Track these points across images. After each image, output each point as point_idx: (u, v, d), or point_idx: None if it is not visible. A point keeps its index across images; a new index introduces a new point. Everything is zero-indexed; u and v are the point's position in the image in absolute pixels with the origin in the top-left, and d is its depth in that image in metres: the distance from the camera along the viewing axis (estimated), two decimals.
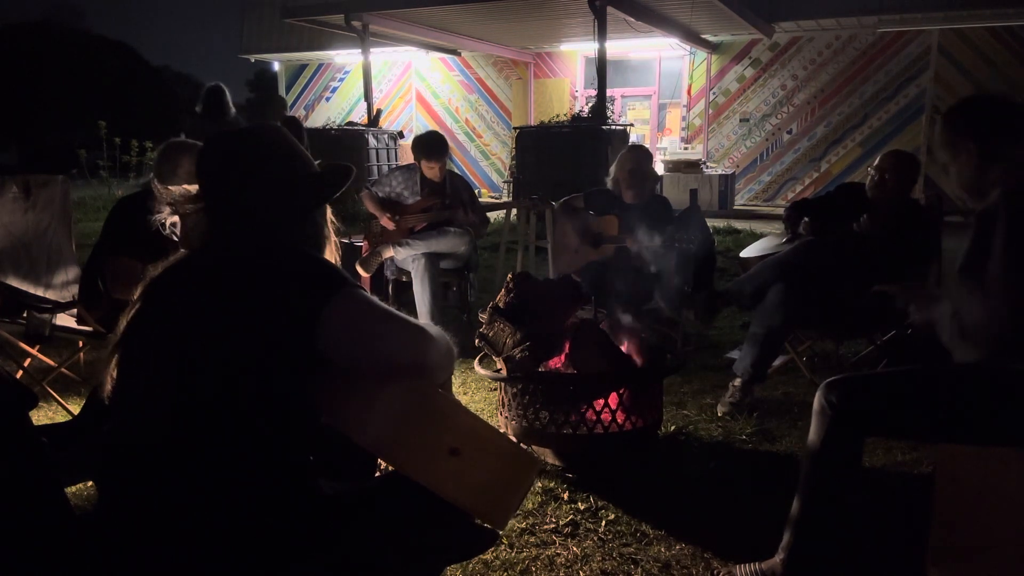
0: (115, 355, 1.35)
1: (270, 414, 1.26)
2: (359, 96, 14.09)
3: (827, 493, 1.94)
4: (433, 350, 1.30)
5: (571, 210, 4.37)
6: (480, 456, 1.38)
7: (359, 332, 1.27)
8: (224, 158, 1.43)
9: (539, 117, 13.75)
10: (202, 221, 1.41)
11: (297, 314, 1.25)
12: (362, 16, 10.91)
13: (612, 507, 2.48)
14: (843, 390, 1.89)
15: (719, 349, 4.33)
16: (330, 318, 1.24)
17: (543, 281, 3.03)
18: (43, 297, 3.52)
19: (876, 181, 3.48)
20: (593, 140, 9.23)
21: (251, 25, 16.20)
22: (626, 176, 4.14)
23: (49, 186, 3.96)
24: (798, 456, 2.76)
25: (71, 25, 41.22)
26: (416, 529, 1.38)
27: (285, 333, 1.24)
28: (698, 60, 13.71)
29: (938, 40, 11.97)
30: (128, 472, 1.29)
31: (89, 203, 10.97)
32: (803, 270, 3.34)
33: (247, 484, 1.25)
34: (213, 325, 1.27)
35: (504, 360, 2.79)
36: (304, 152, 1.48)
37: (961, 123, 2.02)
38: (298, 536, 1.27)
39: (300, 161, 1.46)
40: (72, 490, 2.47)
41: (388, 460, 1.37)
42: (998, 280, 1.64)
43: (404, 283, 4.58)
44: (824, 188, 12.40)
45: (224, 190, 1.40)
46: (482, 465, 1.38)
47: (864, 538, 2.24)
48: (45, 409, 3.30)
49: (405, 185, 4.64)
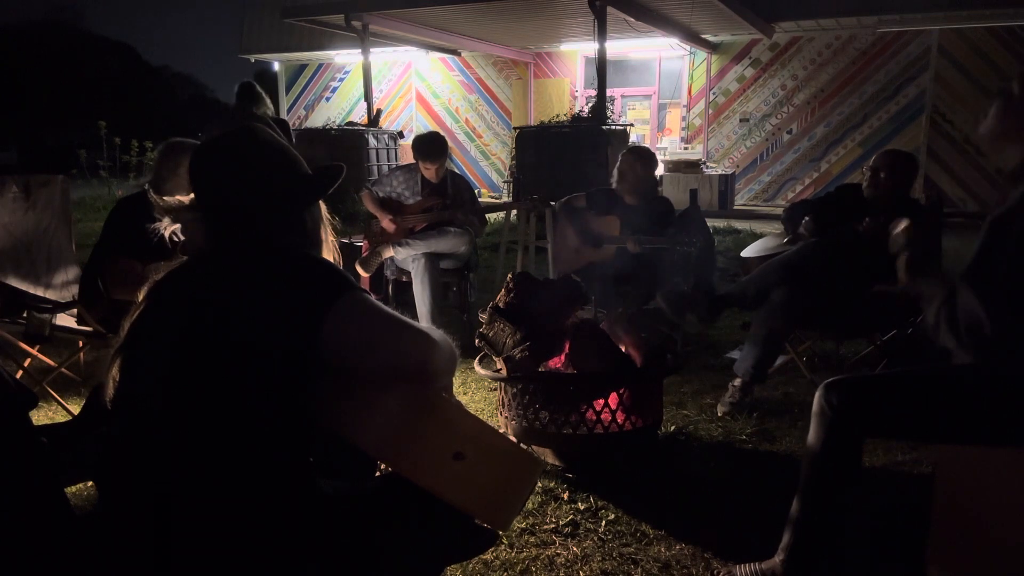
0: (117, 359, 1.35)
1: (272, 417, 1.26)
2: (359, 96, 14.10)
3: (827, 493, 1.94)
4: (437, 355, 1.29)
5: (572, 210, 4.37)
6: (484, 460, 1.38)
7: (362, 337, 1.26)
8: (213, 165, 1.43)
9: (539, 117, 13.75)
10: (200, 228, 1.41)
11: (300, 318, 1.25)
12: (362, 16, 10.90)
13: (612, 507, 2.48)
14: (843, 391, 1.89)
15: (719, 349, 4.33)
16: (333, 322, 1.24)
17: (543, 281, 3.03)
18: (43, 297, 3.52)
19: (871, 180, 3.47)
20: (593, 140, 9.22)
21: (251, 25, 16.20)
22: (626, 177, 4.16)
23: (49, 186, 3.96)
24: (798, 456, 2.76)
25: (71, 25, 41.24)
26: (416, 529, 1.38)
27: (288, 337, 1.24)
28: (698, 60, 13.71)
29: (938, 40, 11.97)
30: (129, 472, 1.29)
31: (89, 203, 10.97)
32: (805, 271, 3.34)
33: (247, 484, 1.25)
34: (215, 329, 1.27)
35: (504, 360, 2.79)
36: (293, 151, 1.48)
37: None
38: (298, 536, 1.27)
39: (289, 160, 1.46)
40: (72, 490, 2.47)
41: (392, 465, 1.37)
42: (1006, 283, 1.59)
43: (404, 283, 4.58)
44: (824, 188, 12.41)
45: (216, 196, 1.40)
46: (486, 469, 1.38)
47: (864, 538, 2.24)
48: (45, 409, 3.30)
49: (406, 185, 4.64)
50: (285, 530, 1.27)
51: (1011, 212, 1.62)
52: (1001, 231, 1.61)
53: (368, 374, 1.29)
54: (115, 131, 12.02)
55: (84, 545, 1.39)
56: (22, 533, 1.37)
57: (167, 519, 1.24)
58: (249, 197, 1.39)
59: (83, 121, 16.16)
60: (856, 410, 1.87)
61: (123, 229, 3.15)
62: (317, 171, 1.50)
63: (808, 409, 1.97)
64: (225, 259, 1.37)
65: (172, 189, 3.00)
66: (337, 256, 1.53)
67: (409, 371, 1.27)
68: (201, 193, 1.42)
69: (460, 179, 4.84)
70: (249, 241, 1.38)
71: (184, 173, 2.87)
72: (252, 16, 16.08)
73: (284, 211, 1.42)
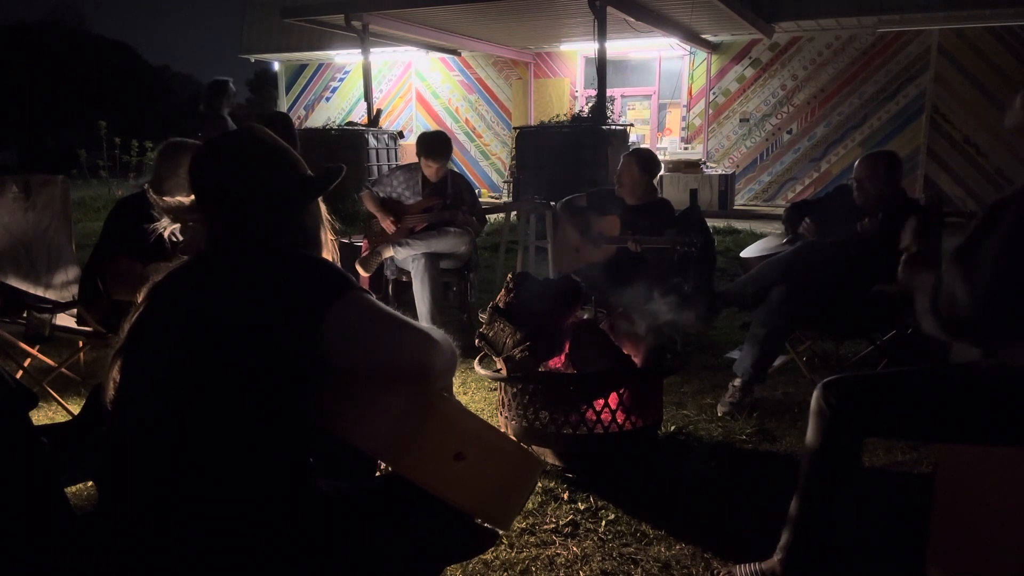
0: (117, 359, 1.35)
1: (271, 417, 1.26)
2: (359, 96, 14.09)
3: (827, 493, 1.94)
4: (438, 356, 1.29)
5: (573, 210, 4.38)
6: (485, 460, 1.38)
7: (361, 337, 1.26)
8: (212, 165, 1.43)
9: (539, 117, 13.75)
10: (200, 228, 1.41)
11: (299, 318, 1.24)
12: (362, 16, 10.91)
13: (612, 507, 2.48)
14: (841, 390, 1.89)
15: (719, 349, 4.33)
16: (333, 323, 1.24)
17: (543, 281, 3.03)
18: (43, 297, 3.52)
19: (858, 190, 3.48)
20: (593, 140, 9.22)
21: (251, 25, 16.20)
22: (623, 179, 4.19)
23: (49, 186, 3.96)
24: (798, 456, 2.76)
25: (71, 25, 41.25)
26: (416, 529, 1.38)
27: (287, 337, 1.24)
28: (698, 60, 13.72)
29: (938, 40, 11.97)
30: (128, 472, 1.29)
31: (89, 203, 10.97)
32: (804, 271, 3.34)
33: (247, 484, 1.25)
34: (215, 329, 1.27)
35: (504, 360, 2.79)
36: (291, 151, 1.48)
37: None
38: (298, 536, 1.27)
39: (288, 160, 1.46)
40: (72, 490, 2.47)
41: (393, 465, 1.36)
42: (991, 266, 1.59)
43: (404, 283, 4.58)
44: (824, 188, 12.42)
45: (216, 197, 1.40)
46: (487, 469, 1.38)
47: (864, 538, 2.24)
48: (45, 409, 3.30)
49: (406, 185, 4.63)
50: (285, 530, 1.27)
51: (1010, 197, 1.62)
52: (996, 215, 1.62)
53: (368, 374, 1.29)
54: (115, 131, 12.02)
55: (84, 545, 1.39)
56: (22, 533, 1.37)
57: (167, 519, 1.24)
58: (248, 197, 1.39)
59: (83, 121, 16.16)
60: (855, 409, 1.87)
61: (123, 229, 3.15)
62: (316, 171, 1.50)
63: (808, 409, 1.97)
64: (224, 259, 1.37)
65: (172, 189, 3.00)
66: (336, 256, 1.53)
67: (409, 372, 1.27)
68: (201, 193, 1.42)
69: (461, 179, 4.84)
70: (248, 241, 1.38)
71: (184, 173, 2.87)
72: (252, 16, 16.08)
73: (283, 211, 1.42)
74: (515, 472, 1.44)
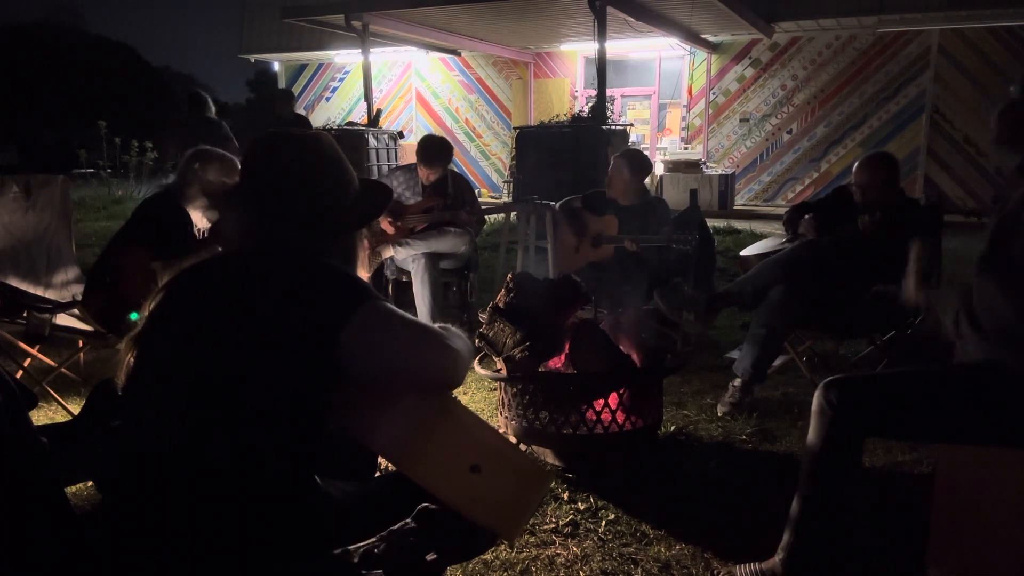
0: (133, 348, 1.34)
1: (282, 419, 1.25)
2: (359, 96, 14.08)
3: (827, 493, 1.94)
4: (460, 367, 1.29)
5: (570, 211, 4.39)
6: (499, 473, 1.37)
7: (381, 346, 1.25)
8: (277, 160, 1.40)
9: (539, 117, 13.73)
10: (241, 221, 1.39)
11: (320, 325, 1.24)
12: (362, 16, 10.89)
13: (612, 507, 2.48)
14: (842, 390, 1.89)
15: (719, 349, 4.33)
16: (352, 333, 1.23)
17: (543, 281, 3.03)
18: (43, 297, 3.53)
19: (859, 197, 3.47)
20: (593, 140, 9.21)
21: (251, 25, 16.19)
22: (613, 182, 4.24)
23: (49, 186, 3.97)
24: (798, 456, 2.76)
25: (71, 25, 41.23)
26: (416, 529, 1.38)
27: (306, 343, 1.23)
28: (698, 60, 13.71)
29: (938, 40, 11.96)
30: (133, 470, 1.29)
31: (89, 203, 10.96)
32: (804, 270, 3.34)
33: (250, 483, 1.25)
34: (233, 328, 1.26)
35: (504, 360, 2.79)
36: (351, 170, 1.46)
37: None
38: (299, 536, 1.27)
39: (349, 176, 1.44)
40: (72, 490, 2.47)
41: (409, 473, 1.34)
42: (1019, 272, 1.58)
43: (404, 283, 4.58)
44: (824, 188, 12.41)
45: (271, 192, 1.37)
46: (501, 483, 1.37)
47: (864, 538, 2.24)
48: (45, 409, 3.30)
49: (406, 185, 4.63)
50: (286, 529, 1.26)
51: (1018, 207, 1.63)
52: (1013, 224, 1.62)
53: (387, 382, 1.29)
54: (115, 131, 12.01)
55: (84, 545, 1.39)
56: (22, 533, 1.37)
57: (168, 518, 1.24)
58: (298, 200, 1.37)
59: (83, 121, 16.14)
60: (856, 409, 1.87)
61: (144, 225, 3.19)
62: (365, 187, 1.48)
63: (808, 409, 1.97)
64: (254, 259, 1.35)
65: (194, 195, 3.02)
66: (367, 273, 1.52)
67: (430, 384, 1.28)
68: (251, 183, 1.40)
69: (461, 179, 4.84)
70: (285, 244, 1.36)
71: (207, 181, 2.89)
72: (252, 16, 16.06)
73: (330, 223, 1.40)
74: (527, 488, 1.44)
